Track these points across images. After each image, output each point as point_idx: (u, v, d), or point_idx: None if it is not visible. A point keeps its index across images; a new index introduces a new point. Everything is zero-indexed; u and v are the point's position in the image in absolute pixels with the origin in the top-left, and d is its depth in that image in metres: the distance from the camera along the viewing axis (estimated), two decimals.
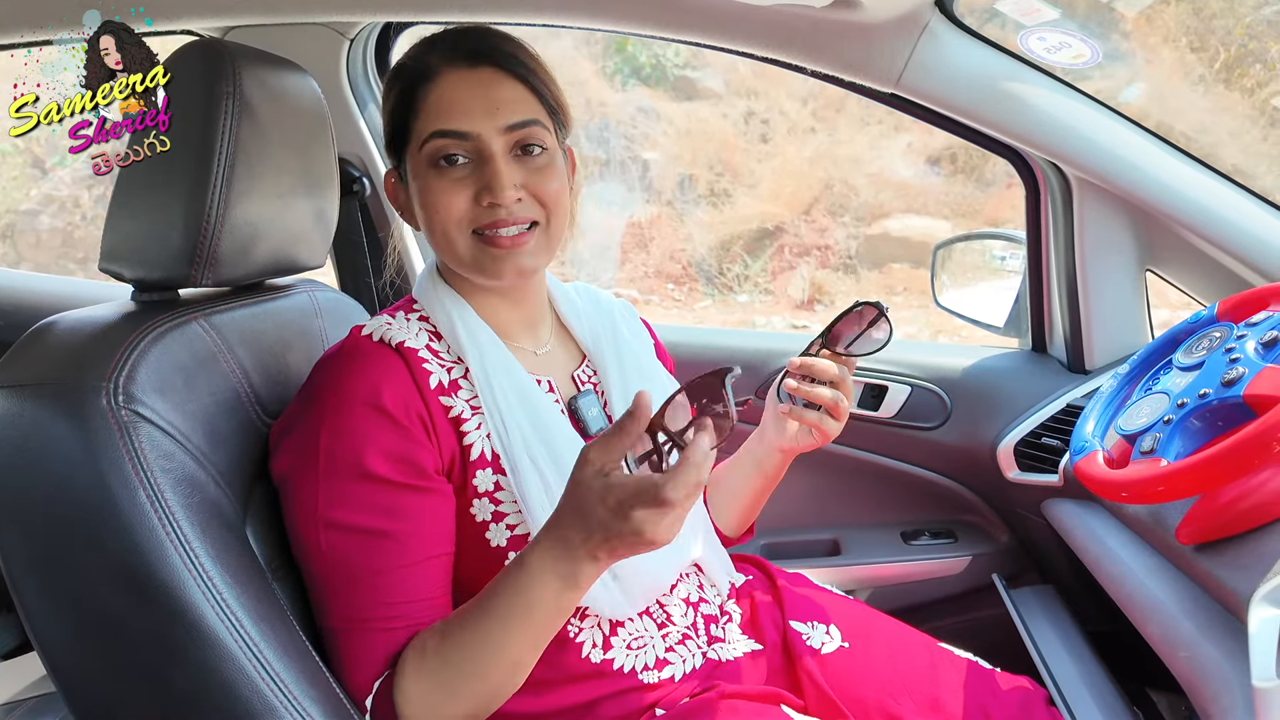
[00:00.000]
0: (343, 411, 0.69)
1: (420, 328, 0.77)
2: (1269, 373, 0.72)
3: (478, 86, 0.72)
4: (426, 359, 0.74)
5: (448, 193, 0.73)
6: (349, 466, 0.68)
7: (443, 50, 0.74)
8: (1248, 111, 4.34)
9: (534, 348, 0.83)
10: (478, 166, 0.73)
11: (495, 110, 0.72)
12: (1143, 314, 1.22)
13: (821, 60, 1.07)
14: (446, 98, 0.72)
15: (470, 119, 0.72)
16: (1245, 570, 0.70)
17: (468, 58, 0.73)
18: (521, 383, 0.76)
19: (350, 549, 0.68)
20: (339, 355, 0.73)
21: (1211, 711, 0.68)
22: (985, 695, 0.82)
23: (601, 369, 0.85)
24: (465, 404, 0.74)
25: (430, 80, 0.73)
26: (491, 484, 0.73)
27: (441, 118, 0.72)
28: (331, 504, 0.68)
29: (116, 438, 0.61)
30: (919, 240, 4.99)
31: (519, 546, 0.73)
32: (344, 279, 1.46)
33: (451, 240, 0.74)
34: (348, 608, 0.68)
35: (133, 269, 0.74)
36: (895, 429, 1.34)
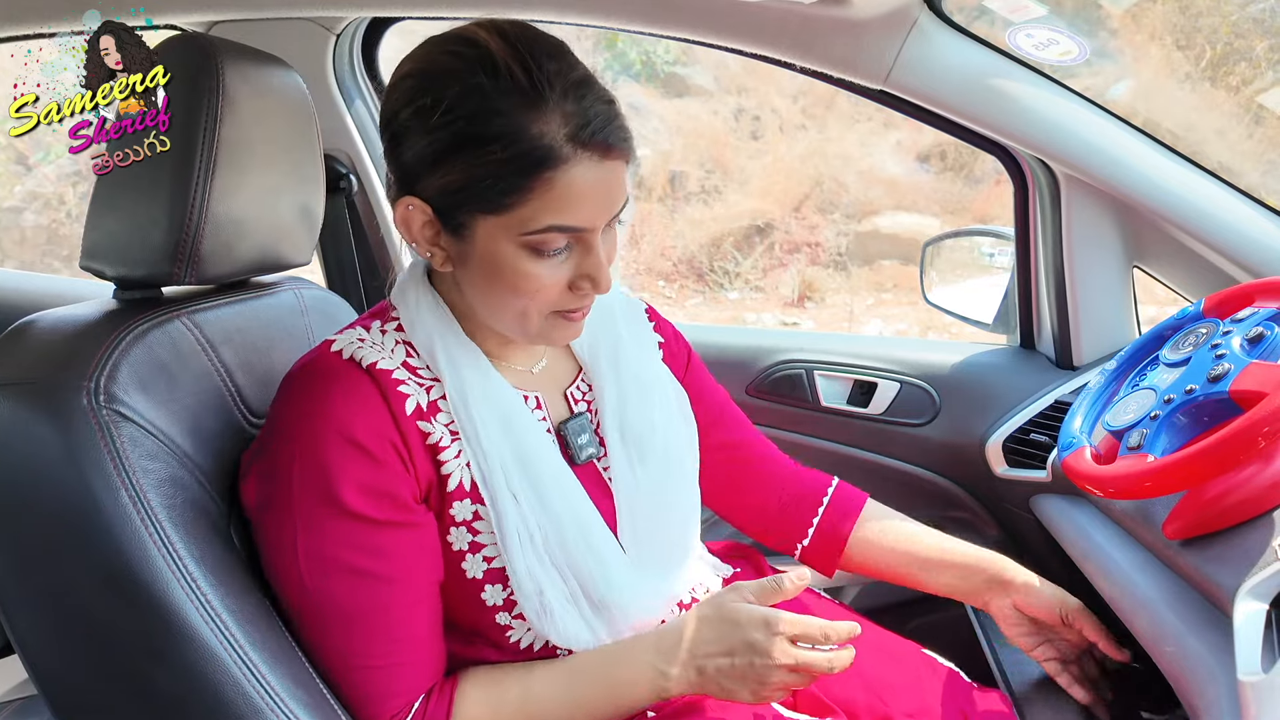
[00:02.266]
0: (313, 444, 0.65)
1: (397, 340, 0.71)
2: (1254, 368, 0.72)
3: (603, 182, 0.64)
4: (403, 379, 0.68)
5: (544, 279, 0.65)
6: (324, 501, 0.64)
7: (572, 130, 0.62)
8: (1233, 109, 4.38)
9: (528, 365, 0.77)
10: (577, 253, 0.67)
11: (613, 204, 0.66)
12: (1130, 310, 1.23)
13: (811, 57, 1.07)
14: (575, 192, 0.63)
15: (593, 217, 0.65)
16: (1231, 565, 0.70)
17: (603, 150, 0.63)
18: (506, 409, 0.71)
19: (335, 588, 0.65)
20: (308, 375, 0.68)
21: (1197, 705, 0.68)
22: (965, 705, 0.83)
23: (596, 386, 0.79)
24: (444, 429, 0.69)
25: (558, 167, 0.62)
26: (470, 514, 0.70)
27: (565, 213, 0.63)
28: (310, 540, 0.65)
29: (98, 437, 0.60)
30: (908, 237, 5.01)
31: (495, 580, 0.70)
32: (331, 276, 1.45)
33: (526, 317, 0.68)
34: (339, 649, 0.66)
35: (114, 267, 0.73)
36: (884, 425, 1.34)
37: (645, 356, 0.84)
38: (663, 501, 0.78)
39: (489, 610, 0.72)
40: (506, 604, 0.71)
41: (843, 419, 1.35)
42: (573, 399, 0.79)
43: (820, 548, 0.93)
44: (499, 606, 0.72)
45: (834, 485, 0.95)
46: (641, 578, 0.74)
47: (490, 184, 0.62)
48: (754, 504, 0.94)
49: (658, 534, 0.77)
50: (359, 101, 1.40)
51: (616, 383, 0.79)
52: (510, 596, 0.71)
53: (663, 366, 0.86)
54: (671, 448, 0.81)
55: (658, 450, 0.79)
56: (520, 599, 0.70)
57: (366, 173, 1.41)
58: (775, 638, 0.67)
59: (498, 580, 0.71)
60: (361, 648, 0.66)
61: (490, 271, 0.66)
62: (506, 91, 0.62)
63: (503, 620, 0.72)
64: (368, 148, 1.41)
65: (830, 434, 1.38)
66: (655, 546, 0.77)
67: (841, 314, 4.84)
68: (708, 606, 0.72)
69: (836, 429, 1.37)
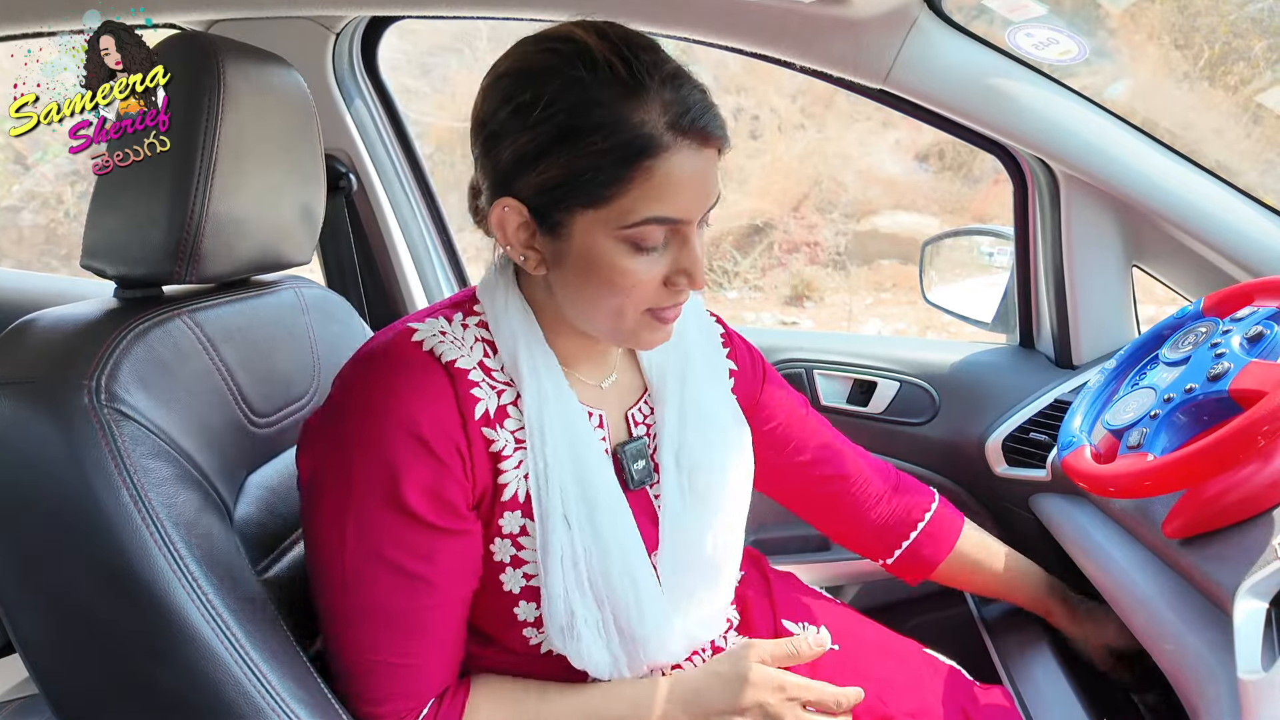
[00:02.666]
0: (379, 434, 0.64)
1: (476, 338, 0.70)
2: (1254, 367, 0.72)
3: (700, 172, 0.64)
4: (477, 382, 0.67)
5: (642, 275, 0.64)
6: (382, 495, 0.64)
7: (671, 118, 0.62)
8: (1231, 108, 4.38)
9: (599, 380, 0.76)
10: (673, 247, 0.66)
11: (709, 196, 0.65)
12: (1129, 309, 1.23)
13: (810, 56, 1.07)
14: (674, 181, 0.62)
15: (691, 208, 0.64)
16: (1231, 563, 0.71)
17: (701, 138, 0.63)
18: (573, 422, 0.70)
19: (375, 580, 0.65)
20: (386, 360, 0.67)
21: (1197, 703, 0.68)
22: (967, 704, 0.83)
23: (659, 412, 0.77)
24: (510, 437, 0.68)
25: (658, 155, 0.61)
26: (517, 527, 0.69)
27: (664, 204, 0.62)
28: (361, 530, 0.64)
29: (99, 436, 0.60)
30: (907, 236, 5.02)
31: (531, 598, 0.70)
32: (330, 275, 1.45)
33: (621, 315, 0.67)
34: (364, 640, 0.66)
35: (115, 265, 0.73)
36: (884, 424, 1.34)
37: (714, 386, 0.82)
38: (707, 538, 0.76)
39: (518, 624, 0.71)
40: (537, 621, 0.71)
41: (842, 418, 1.35)
42: (633, 420, 0.78)
43: (906, 567, 0.95)
44: (528, 623, 0.71)
45: (931, 510, 0.95)
46: (671, 614, 0.73)
47: (591, 176, 0.61)
48: (845, 522, 0.94)
49: (695, 570, 0.76)
50: (358, 101, 1.40)
51: (680, 410, 0.77)
52: (542, 615, 0.70)
53: (730, 399, 0.84)
54: (725, 485, 0.79)
55: (711, 485, 0.77)
56: (548, 620, 0.69)
57: (366, 172, 1.41)
58: (789, 703, 0.69)
59: (533, 599, 0.70)
60: (387, 644, 0.66)
61: (587, 269, 0.65)
62: (606, 83, 0.61)
63: (529, 634, 0.72)
64: (367, 147, 1.41)
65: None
66: (690, 582, 0.75)
67: (840, 313, 4.85)
68: (724, 663, 0.73)
69: (836, 428, 1.37)
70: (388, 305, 1.48)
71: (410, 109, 4.71)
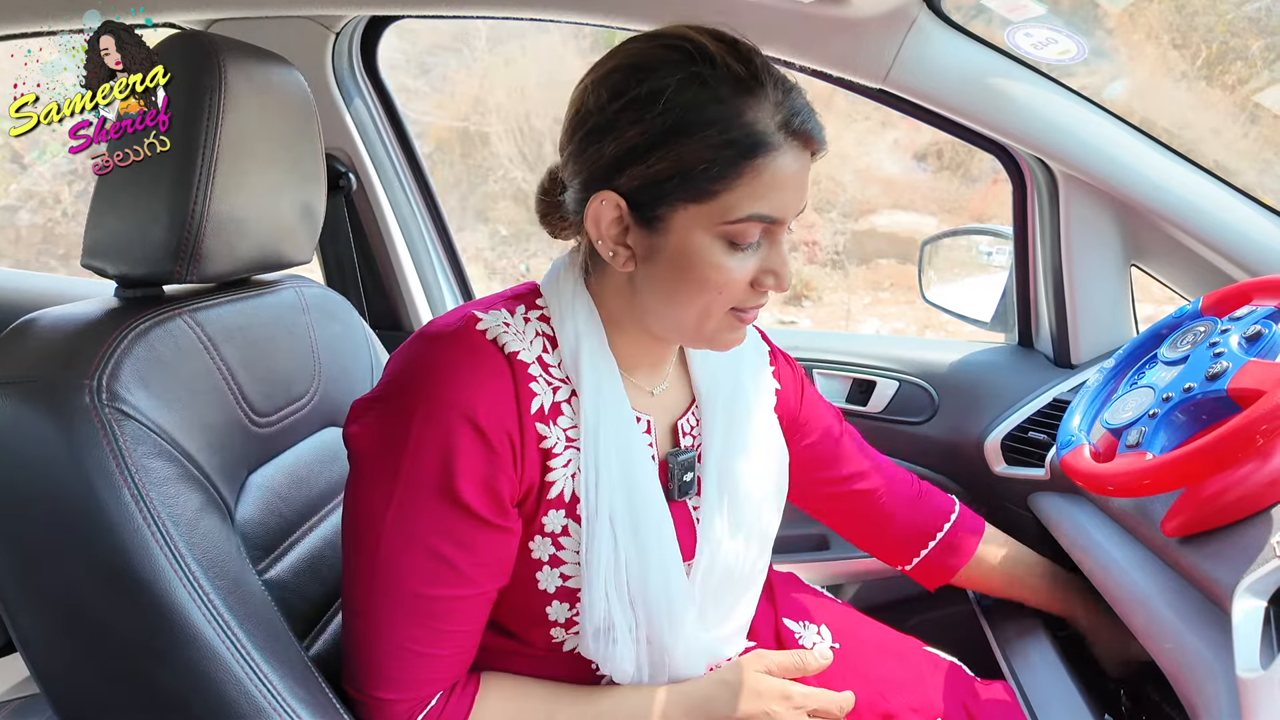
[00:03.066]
0: (437, 415, 0.63)
1: (537, 332, 0.70)
2: (1252, 367, 0.73)
3: (800, 174, 0.65)
4: (535, 376, 0.68)
5: (734, 273, 0.65)
6: (433, 480, 0.64)
7: (782, 119, 0.63)
8: (1229, 108, 4.39)
9: (651, 386, 0.76)
10: (763, 248, 0.66)
11: (803, 198, 0.66)
12: (1128, 309, 1.23)
13: (810, 55, 1.07)
14: (779, 181, 0.63)
15: (789, 209, 0.65)
16: (1229, 562, 0.71)
17: (806, 141, 0.64)
18: (626, 426, 0.70)
19: (411, 563, 0.65)
20: (450, 343, 0.66)
21: (1196, 701, 0.68)
22: (968, 699, 0.83)
23: (706, 425, 0.77)
24: (562, 435, 0.68)
25: (769, 154, 0.62)
26: (560, 527, 0.69)
27: (767, 202, 0.63)
28: (405, 511, 0.64)
29: (100, 436, 0.60)
30: (906, 236, 5.02)
31: (565, 599, 0.70)
32: (330, 275, 1.46)
33: (708, 313, 0.67)
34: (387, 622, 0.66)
35: (116, 265, 0.73)
36: (883, 424, 1.34)
37: (761, 406, 0.82)
38: (739, 556, 0.77)
39: (548, 624, 0.71)
40: (567, 622, 0.71)
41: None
42: (681, 431, 0.78)
43: (926, 573, 0.96)
44: (558, 623, 0.71)
45: (952, 519, 0.96)
46: (698, 627, 0.74)
47: (704, 169, 0.62)
48: (868, 531, 0.96)
49: (724, 586, 0.77)
50: (358, 100, 1.40)
51: (727, 425, 0.78)
52: (573, 616, 0.70)
53: (773, 418, 0.84)
54: (761, 506, 0.80)
55: (749, 505, 0.78)
56: (585, 621, 0.69)
57: (365, 171, 1.41)
58: (795, 712, 0.69)
59: (566, 599, 0.70)
60: (407, 630, 0.65)
61: (681, 265, 0.65)
62: (723, 81, 0.62)
63: (556, 635, 0.72)
64: (366, 147, 1.41)
65: None
66: (718, 598, 0.76)
67: (839, 312, 4.85)
68: (731, 672, 0.73)
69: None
70: (387, 304, 1.48)
71: (409, 108, 4.71)
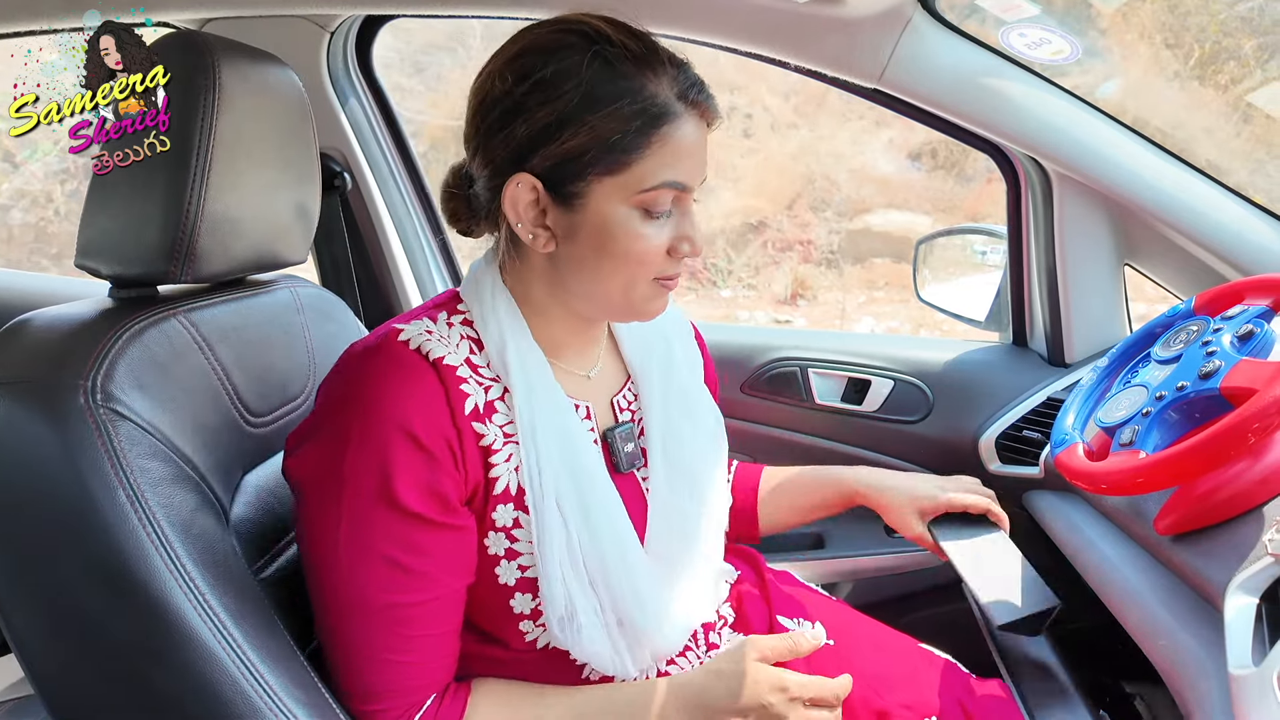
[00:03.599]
0: (371, 433, 0.64)
1: (462, 335, 0.71)
2: (1244, 365, 0.73)
3: (701, 142, 0.69)
4: (465, 378, 0.68)
5: (652, 240, 0.68)
6: (376, 493, 0.64)
7: (679, 90, 0.67)
8: (1222, 107, 4.41)
9: (584, 370, 0.78)
10: (675, 216, 0.69)
11: (705, 167, 0.71)
12: (1121, 308, 1.24)
13: (805, 56, 1.07)
14: (684, 148, 0.67)
15: (695, 177, 0.69)
16: (1221, 559, 0.71)
17: (703, 111, 0.69)
18: (563, 415, 0.71)
19: (370, 576, 0.65)
20: (372, 360, 0.67)
21: (1188, 698, 0.69)
22: (963, 696, 0.83)
23: (644, 397, 0.79)
24: (499, 431, 0.69)
25: (673, 122, 0.66)
26: (510, 520, 0.70)
27: (676, 169, 0.67)
28: (355, 527, 0.64)
29: (95, 437, 0.60)
30: (900, 235, 5.03)
31: (526, 589, 0.70)
32: (325, 275, 1.45)
33: (633, 284, 0.69)
34: (361, 637, 0.66)
35: (110, 265, 0.73)
36: (878, 423, 1.35)
37: (692, 374, 0.85)
38: (694, 520, 0.78)
39: (514, 618, 0.71)
40: (533, 613, 0.71)
41: (837, 416, 1.36)
42: (619, 407, 0.79)
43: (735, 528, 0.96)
44: (524, 615, 0.71)
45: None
46: (665, 596, 0.74)
47: (616, 140, 0.65)
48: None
49: (684, 552, 0.77)
50: (353, 99, 1.39)
51: (663, 395, 0.79)
52: (538, 606, 0.71)
53: (705, 387, 0.87)
54: (708, 469, 0.81)
55: (696, 469, 0.79)
56: (548, 609, 0.70)
57: (360, 171, 1.40)
58: (792, 703, 0.68)
59: (528, 590, 0.70)
60: (383, 640, 0.66)
61: (602, 238, 0.67)
62: (624, 57, 0.66)
63: (525, 628, 0.72)
64: (361, 146, 1.41)
65: (824, 431, 1.38)
66: (680, 565, 0.77)
67: (834, 311, 4.86)
68: (724, 661, 0.73)
69: (830, 426, 1.38)
70: (382, 304, 1.48)
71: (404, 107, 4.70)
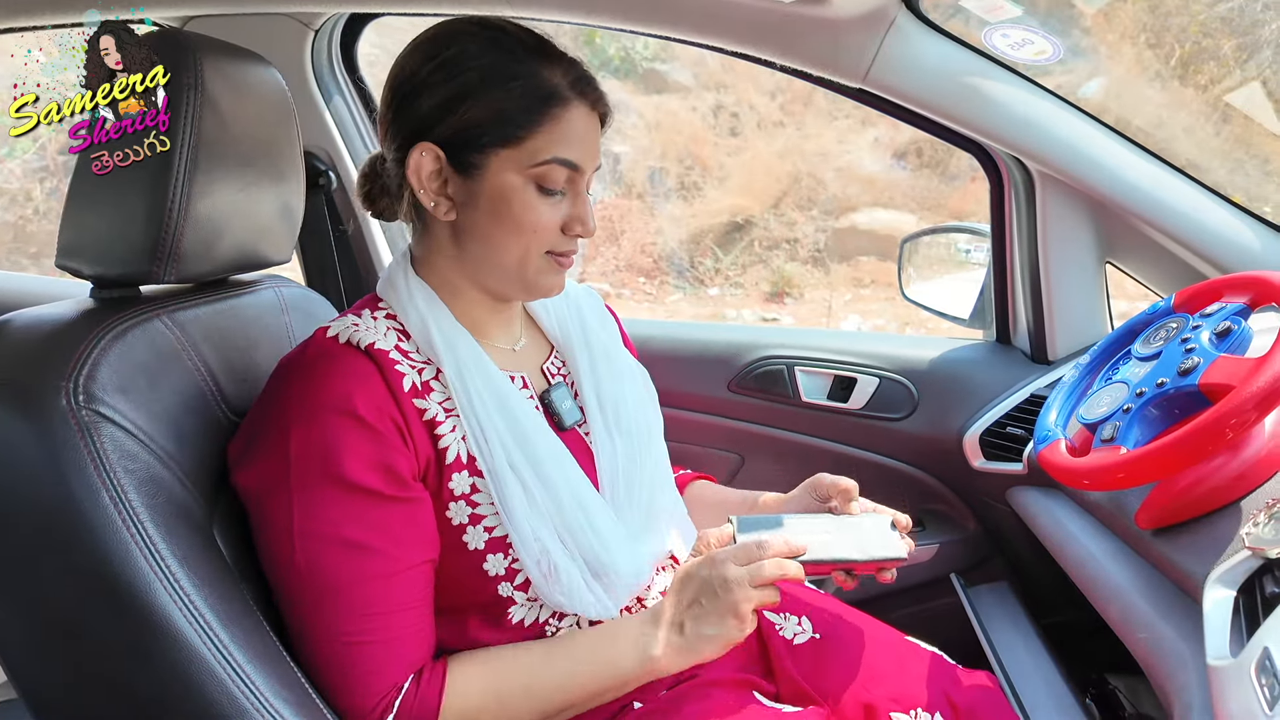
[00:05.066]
0: (313, 420, 0.66)
1: (388, 327, 0.74)
2: (1223, 362, 0.74)
3: (592, 131, 0.75)
4: (398, 360, 0.72)
5: (545, 215, 0.73)
6: (323, 475, 0.66)
7: (571, 81, 0.74)
8: (1201, 107, 4.46)
9: (509, 344, 0.83)
10: (569, 198, 0.75)
11: (597, 156, 0.76)
12: (1103, 305, 1.25)
13: (790, 55, 1.07)
14: (575, 131, 0.73)
15: (586, 160, 0.75)
16: (1200, 553, 0.72)
17: (593, 102, 0.75)
18: (497, 384, 0.75)
19: (329, 561, 0.66)
20: (303, 360, 0.71)
21: (1168, 689, 0.70)
22: (950, 687, 0.84)
23: (571, 360, 0.85)
24: (439, 406, 0.72)
25: (563, 105, 0.72)
26: (468, 486, 0.72)
27: (569, 147, 0.73)
28: (307, 515, 0.66)
29: (77, 439, 0.59)
30: (886, 233, 5.06)
31: (497, 549, 0.73)
32: (310, 274, 1.44)
33: (527, 256, 0.74)
34: (331, 625, 0.67)
35: (91, 265, 0.72)
36: (864, 420, 1.35)
37: (609, 335, 0.92)
38: (639, 464, 0.83)
39: (491, 581, 0.73)
40: (509, 573, 0.73)
41: (823, 414, 1.37)
42: (549, 373, 0.84)
43: None
44: (501, 576, 0.73)
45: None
46: (628, 536, 0.78)
47: (511, 114, 0.71)
48: None
49: (637, 494, 0.81)
50: (338, 98, 1.39)
51: (589, 355, 0.86)
52: (513, 565, 0.73)
53: (624, 348, 0.94)
54: (643, 415, 0.87)
55: (633, 417, 0.85)
56: (526, 562, 0.72)
57: (345, 170, 1.40)
58: (721, 565, 0.70)
59: (499, 549, 0.73)
60: (355, 623, 0.67)
61: (499, 206, 0.73)
62: (520, 46, 0.73)
63: (504, 591, 0.74)
64: (347, 145, 1.40)
65: (811, 429, 1.39)
66: (636, 506, 0.81)
67: (820, 310, 4.87)
68: (672, 574, 0.77)
69: (817, 424, 1.38)
70: None
71: None
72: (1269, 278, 0.79)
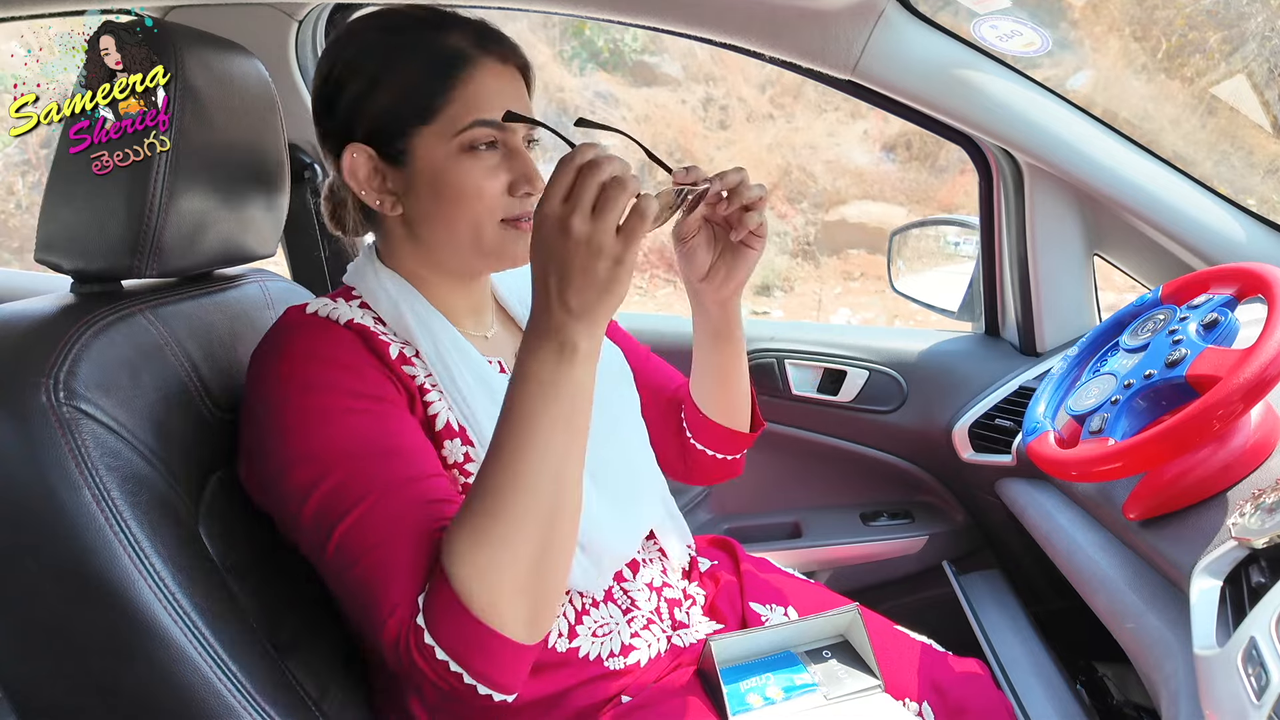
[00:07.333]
0: (298, 370, 0.66)
1: (364, 312, 0.74)
2: (1210, 354, 0.75)
3: (510, 85, 0.74)
4: (379, 333, 0.72)
5: (484, 181, 0.71)
6: (317, 395, 0.65)
7: (473, 40, 0.72)
8: (1188, 100, 4.49)
9: (482, 332, 0.82)
10: (507, 159, 0.73)
11: (523, 109, 0.74)
12: (1091, 297, 1.26)
13: (779, 46, 1.07)
14: (488, 90, 0.71)
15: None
16: (1187, 544, 0.73)
17: (501, 55, 0.73)
18: (477, 366, 0.75)
19: (342, 434, 0.63)
20: (286, 331, 0.69)
21: (1155, 678, 0.70)
22: (939, 674, 0.85)
23: None
24: (425, 378, 0.73)
25: (469, 66, 0.71)
26: (461, 455, 0.72)
27: (483, 108, 0.71)
28: (305, 413, 0.64)
29: (58, 435, 0.58)
30: (875, 226, 5.07)
31: None
32: (296, 269, 1.43)
33: (479, 226, 0.72)
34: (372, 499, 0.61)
35: (72, 260, 0.71)
36: (853, 413, 1.36)
37: None
38: (619, 443, 0.83)
39: None
40: None
41: (813, 407, 1.37)
42: None
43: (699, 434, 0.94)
44: None
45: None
46: (610, 513, 0.78)
47: (419, 89, 0.70)
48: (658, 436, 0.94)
49: (617, 473, 0.82)
50: None
51: None
52: None
53: None
54: (621, 394, 0.88)
55: (610, 397, 0.84)
56: None
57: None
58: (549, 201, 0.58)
59: None
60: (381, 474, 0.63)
61: (437, 185, 0.72)
62: (416, 23, 0.73)
63: None
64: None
65: (801, 422, 1.39)
66: (617, 484, 0.81)
67: (810, 302, 4.89)
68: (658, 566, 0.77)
69: (807, 417, 1.39)
70: None
71: None
72: (1255, 269, 0.80)
